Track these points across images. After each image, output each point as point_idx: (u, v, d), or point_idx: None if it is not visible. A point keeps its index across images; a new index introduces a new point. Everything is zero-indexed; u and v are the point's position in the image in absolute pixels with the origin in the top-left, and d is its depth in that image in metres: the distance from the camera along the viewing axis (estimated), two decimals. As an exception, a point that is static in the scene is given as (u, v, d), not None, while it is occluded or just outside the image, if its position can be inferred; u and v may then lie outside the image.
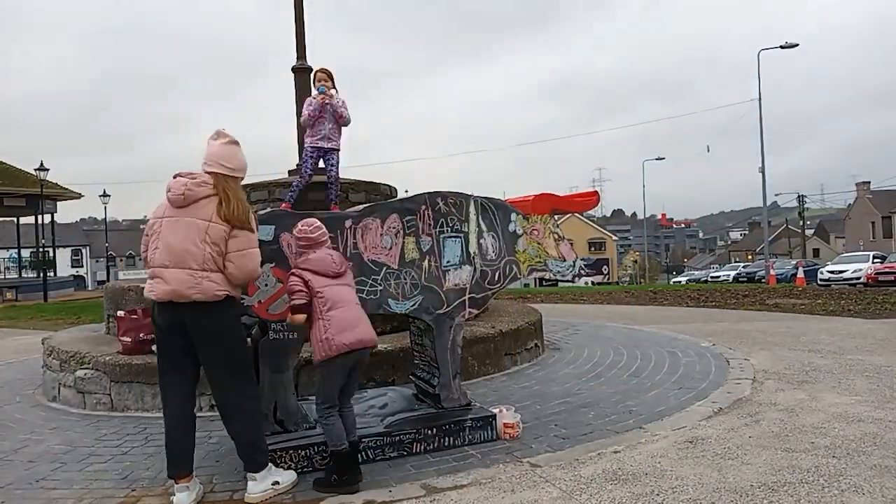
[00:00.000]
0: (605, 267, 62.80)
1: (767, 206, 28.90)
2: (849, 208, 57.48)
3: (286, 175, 7.03)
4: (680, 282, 39.90)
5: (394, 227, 3.72)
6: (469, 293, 3.88)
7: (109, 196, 36.53)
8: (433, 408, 3.87)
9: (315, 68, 5.91)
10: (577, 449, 3.47)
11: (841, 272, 22.25)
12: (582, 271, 4.26)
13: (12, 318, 14.64)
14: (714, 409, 4.13)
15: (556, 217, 4.23)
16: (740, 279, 31.20)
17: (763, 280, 25.40)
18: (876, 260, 23.05)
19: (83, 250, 62.88)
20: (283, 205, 5.62)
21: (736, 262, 54.88)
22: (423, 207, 3.81)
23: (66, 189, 27.17)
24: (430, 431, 3.57)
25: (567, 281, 4.34)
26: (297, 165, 7.09)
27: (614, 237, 74.85)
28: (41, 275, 25.03)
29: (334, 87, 5.72)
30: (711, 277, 37.04)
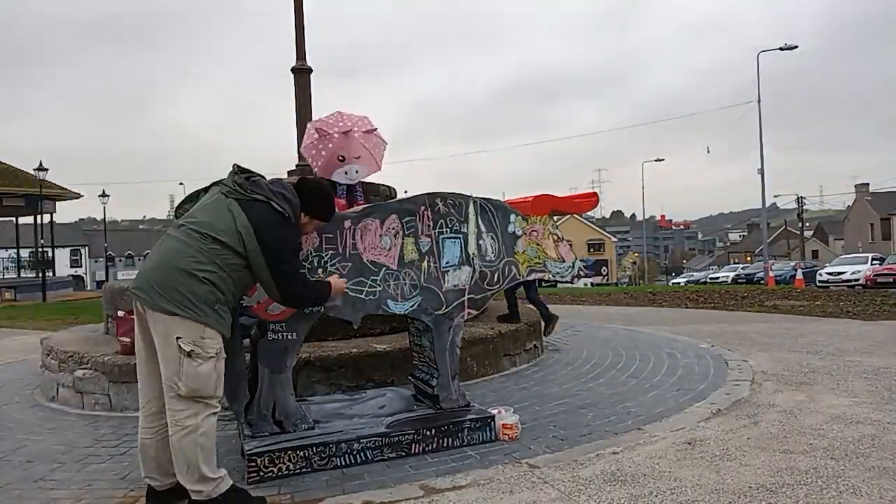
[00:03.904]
0: (604, 268, 62.90)
1: (766, 207, 28.95)
2: (848, 210, 57.56)
3: (285, 175, 7.04)
4: (679, 283, 39.94)
5: (393, 228, 3.72)
6: (468, 294, 3.89)
7: (109, 196, 36.59)
8: (432, 408, 3.87)
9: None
10: (575, 450, 3.47)
11: (840, 274, 22.29)
12: (581, 272, 4.26)
13: (11, 318, 14.63)
14: (713, 411, 4.14)
15: (555, 218, 4.23)
16: (739, 280, 31.23)
17: (762, 281, 25.41)
18: (875, 261, 23.10)
19: (82, 250, 62.88)
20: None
21: (735, 263, 54.91)
22: (423, 208, 3.81)
23: (66, 189, 27.19)
24: (428, 432, 3.57)
25: (566, 282, 4.34)
26: (297, 166, 7.11)
27: (613, 238, 74.96)
28: (40, 275, 25.03)
29: None
30: (710, 278, 37.07)
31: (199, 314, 2.68)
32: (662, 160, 48.68)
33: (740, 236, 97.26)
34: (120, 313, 5.23)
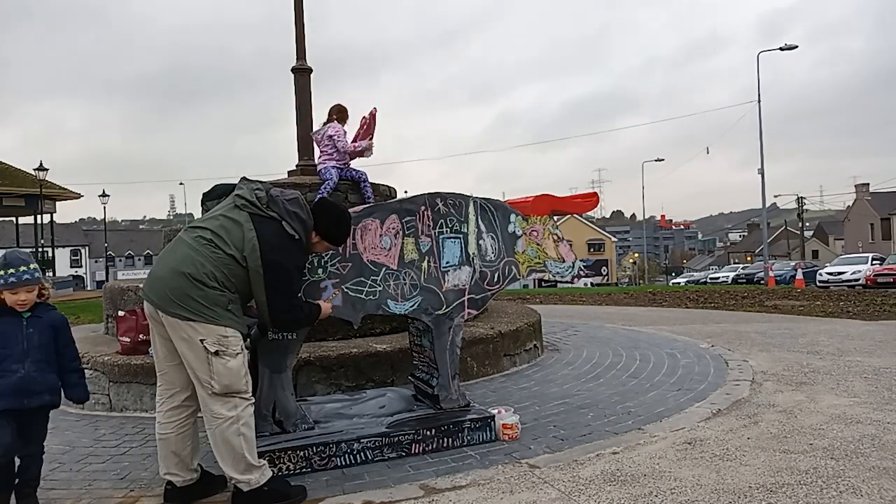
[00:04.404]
0: (604, 268, 62.88)
1: (766, 207, 28.93)
2: (848, 210, 57.53)
3: (285, 175, 7.04)
4: (679, 283, 39.94)
5: (393, 228, 3.72)
6: (468, 294, 3.88)
7: (109, 196, 36.60)
8: (432, 408, 3.87)
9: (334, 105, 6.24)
10: (575, 450, 3.47)
11: (840, 274, 22.28)
12: (581, 272, 4.26)
13: (11, 318, 14.60)
14: (713, 411, 4.14)
15: (555, 218, 4.23)
16: (739, 280, 31.22)
17: (762, 281, 25.41)
18: (875, 262, 23.08)
19: (82, 250, 62.88)
20: None
21: (735, 263, 54.90)
22: (423, 208, 3.81)
23: (66, 189, 27.19)
24: (428, 432, 3.57)
25: (566, 282, 4.34)
26: (297, 166, 7.11)
27: (613, 238, 74.94)
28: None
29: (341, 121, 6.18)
30: (710, 279, 37.06)
31: (215, 318, 2.77)
32: (662, 160, 48.75)
33: (740, 236, 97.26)
34: (120, 313, 5.23)
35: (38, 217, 26.55)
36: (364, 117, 6.26)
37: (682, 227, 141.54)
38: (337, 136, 6.00)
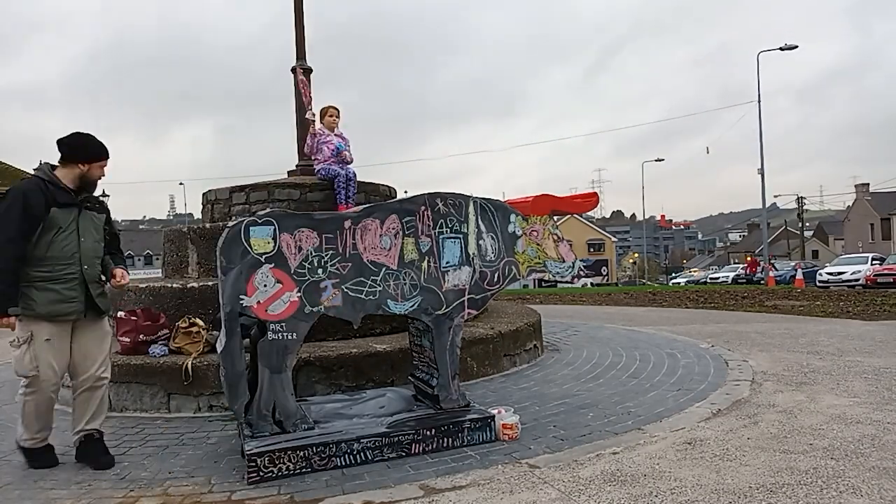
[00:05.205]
0: (604, 268, 62.87)
1: (766, 207, 28.94)
2: (848, 210, 57.58)
3: (285, 175, 7.04)
4: (679, 283, 39.96)
5: (393, 228, 3.72)
6: (468, 294, 3.88)
7: (108, 196, 36.60)
8: (432, 408, 3.87)
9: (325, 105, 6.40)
10: (575, 450, 3.47)
11: (840, 274, 22.28)
12: (581, 272, 4.26)
13: (11, 318, 14.60)
14: (713, 411, 4.14)
15: (555, 218, 4.23)
16: (739, 281, 31.24)
17: (762, 281, 25.43)
18: (875, 262, 23.08)
19: (82, 250, 62.73)
20: (340, 206, 5.83)
21: (735, 263, 54.91)
22: (423, 208, 3.81)
23: (66, 189, 27.16)
24: (428, 432, 3.57)
25: (566, 282, 4.34)
26: (297, 166, 7.12)
27: (613, 238, 74.94)
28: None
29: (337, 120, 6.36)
30: (710, 279, 37.09)
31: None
32: (662, 160, 48.82)
33: (740, 236, 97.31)
34: (120, 314, 5.22)
35: (38, 217, 26.54)
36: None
37: (682, 226, 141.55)
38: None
